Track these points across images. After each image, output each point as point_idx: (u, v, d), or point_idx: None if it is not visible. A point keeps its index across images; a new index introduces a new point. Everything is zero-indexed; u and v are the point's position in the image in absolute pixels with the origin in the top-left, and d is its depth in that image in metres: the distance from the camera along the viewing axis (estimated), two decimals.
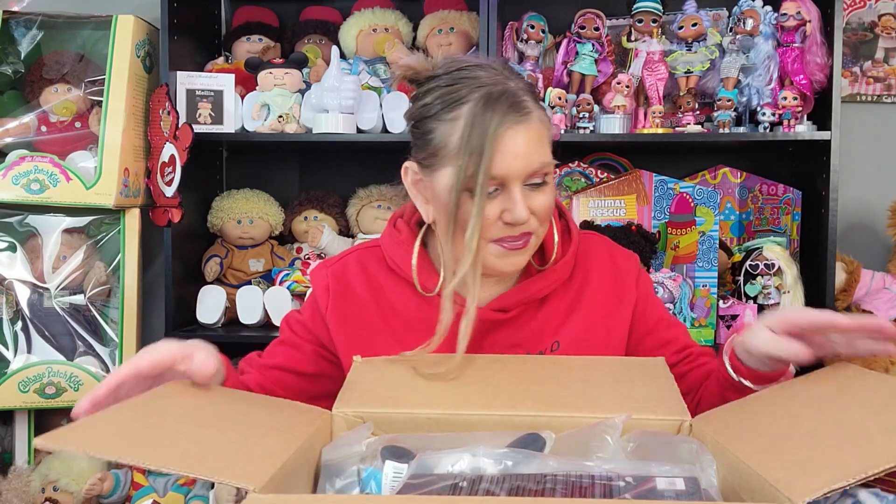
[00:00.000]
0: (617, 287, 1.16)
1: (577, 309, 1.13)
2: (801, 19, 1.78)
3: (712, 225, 1.83)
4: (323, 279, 1.16)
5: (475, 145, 1.00)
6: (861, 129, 2.03)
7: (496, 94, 1.02)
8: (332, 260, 1.20)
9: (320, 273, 1.17)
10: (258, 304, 1.95)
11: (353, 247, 1.22)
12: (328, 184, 2.19)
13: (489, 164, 1.00)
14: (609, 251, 1.19)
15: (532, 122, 1.03)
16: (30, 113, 1.99)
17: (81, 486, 1.79)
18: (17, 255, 1.92)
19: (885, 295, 1.88)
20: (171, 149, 1.91)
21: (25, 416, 1.93)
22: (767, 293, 1.79)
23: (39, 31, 2.02)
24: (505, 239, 1.04)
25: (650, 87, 1.84)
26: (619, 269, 1.17)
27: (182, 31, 1.99)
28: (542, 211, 1.05)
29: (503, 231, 1.04)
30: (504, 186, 1.02)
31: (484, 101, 1.02)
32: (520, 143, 1.01)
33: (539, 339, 1.12)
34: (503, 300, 1.10)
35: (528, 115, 1.03)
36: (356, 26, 2.08)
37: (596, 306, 1.14)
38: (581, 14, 1.88)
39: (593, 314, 1.13)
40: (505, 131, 1.01)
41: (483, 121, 1.01)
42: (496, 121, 1.00)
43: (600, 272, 1.16)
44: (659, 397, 0.86)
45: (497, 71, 1.07)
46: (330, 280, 1.15)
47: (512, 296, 1.11)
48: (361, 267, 1.16)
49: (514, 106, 1.02)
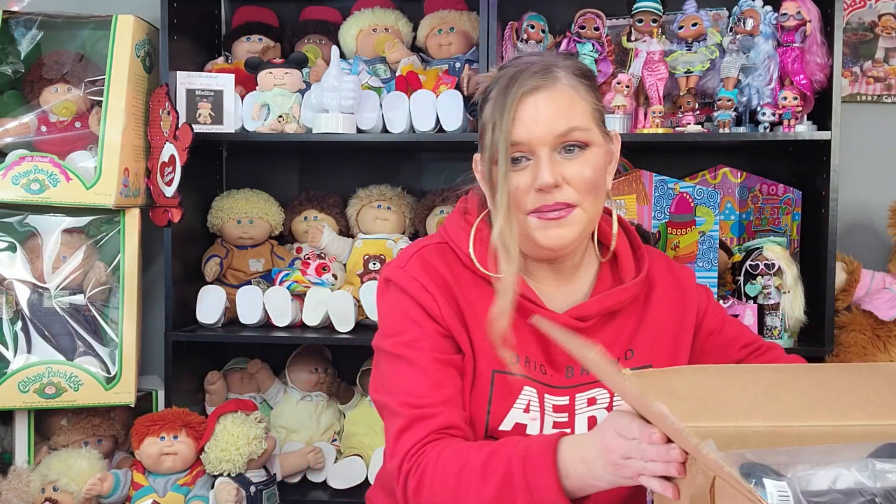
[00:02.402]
0: (681, 298, 1.20)
1: (646, 320, 1.16)
2: (801, 19, 1.77)
3: (712, 225, 1.83)
4: (412, 280, 1.10)
5: (497, 115, 1.02)
6: (861, 129, 2.03)
7: (524, 65, 1.05)
8: (401, 261, 1.14)
9: (404, 276, 1.11)
10: (258, 304, 1.95)
11: (416, 245, 1.17)
12: (328, 184, 2.19)
13: (509, 131, 1.01)
14: (668, 264, 1.25)
15: (557, 87, 1.04)
16: (30, 113, 1.99)
17: (81, 486, 1.79)
18: (16, 255, 1.92)
19: (885, 295, 1.88)
20: (170, 149, 1.91)
21: (25, 416, 1.93)
22: (767, 293, 1.79)
23: (39, 30, 2.01)
24: (541, 209, 1.05)
25: (650, 87, 1.84)
26: (681, 280, 1.22)
27: (182, 30, 1.98)
28: (577, 179, 1.04)
29: (537, 200, 1.04)
30: (534, 154, 1.03)
31: (513, 74, 1.04)
32: (541, 108, 1.02)
33: (612, 348, 1.13)
34: (581, 310, 1.12)
35: (554, 82, 1.04)
36: (356, 26, 2.08)
37: (663, 317, 1.17)
38: (581, 14, 1.88)
39: (661, 324, 1.16)
40: (525, 97, 1.02)
41: (505, 91, 1.03)
42: (515, 88, 1.02)
43: (663, 284, 1.20)
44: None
45: (546, 53, 1.10)
46: (420, 276, 1.10)
47: (590, 307, 1.13)
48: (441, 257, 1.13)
49: (539, 73, 1.03)
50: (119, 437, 2.02)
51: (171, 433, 1.81)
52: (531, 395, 1.09)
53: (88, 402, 1.88)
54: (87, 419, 1.96)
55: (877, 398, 0.83)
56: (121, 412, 2.01)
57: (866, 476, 0.68)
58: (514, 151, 1.04)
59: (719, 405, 0.83)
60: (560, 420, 1.11)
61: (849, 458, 0.70)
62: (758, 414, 0.81)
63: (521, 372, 1.09)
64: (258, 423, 1.83)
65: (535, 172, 1.03)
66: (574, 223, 1.06)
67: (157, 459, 1.80)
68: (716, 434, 0.76)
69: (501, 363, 1.07)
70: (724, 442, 0.75)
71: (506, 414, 1.08)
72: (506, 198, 1.03)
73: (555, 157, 1.04)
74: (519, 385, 1.09)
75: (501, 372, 1.08)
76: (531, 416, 1.09)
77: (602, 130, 1.10)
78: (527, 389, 1.09)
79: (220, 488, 1.79)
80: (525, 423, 1.09)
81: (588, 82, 1.09)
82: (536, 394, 1.10)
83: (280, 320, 1.95)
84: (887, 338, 1.87)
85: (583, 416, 1.11)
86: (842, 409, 0.81)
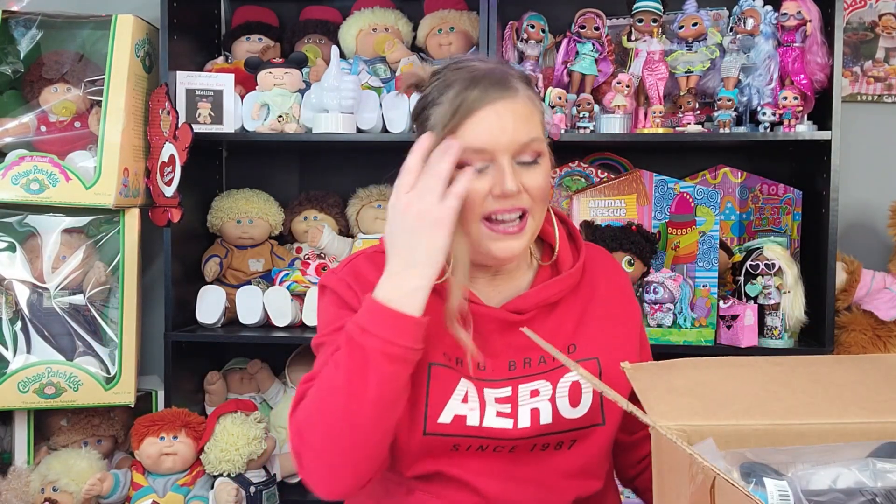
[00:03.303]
0: (623, 302, 1.20)
1: (588, 314, 1.15)
2: (801, 19, 1.77)
3: (713, 225, 1.83)
4: (341, 281, 1.13)
5: (455, 117, 1.02)
6: (861, 128, 2.03)
7: (482, 72, 1.05)
8: (338, 268, 1.18)
9: (334, 278, 1.15)
10: (258, 304, 1.95)
11: (354, 254, 1.20)
12: (328, 184, 2.19)
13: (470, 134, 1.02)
14: (612, 263, 1.24)
15: (518, 99, 1.05)
16: (29, 113, 1.99)
17: (81, 486, 1.78)
18: (16, 255, 1.91)
19: (885, 295, 1.88)
20: (170, 148, 1.91)
21: (25, 417, 1.93)
22: (768, 293, 1.79)
23: (39, 30, 2.02)
24: (497, 212, 1.05)
25: (650, 87, 1.84)
26: (623, 284, 1.22)
27: (182, 30, 1.98)
28: (535, 189, 1.05)
29: (494, 204, 1.04)
30: (493, 161, 1.03)
31: (469, 79, 1.04)
32: (505, 117, 1.03)
33: (553, 341, 1.10)
34: (519, 302, 1.12)
35: (514, 92, 1.05)
36: (356, 26, 2.08)
37: (607, 314, 1.16)
38: (581, 14, 1.88)
39: (605, 322, 1.15)
40: (487, 104, 1.03)
41: (465, 95, 1.03)
42: (476, 94, 1.03)
43: (607, 282, 1.19)
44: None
45: (493, 60, 1.11)
46: (349, 279, 1.12)
47: (527, 298, 1.12)
48: (373, 266, 1.13)
49: (499, 83, 1.04)
50: (119, 437, 2.02)
51: (170, 433, 1.81)
52: (468, 386, 1.09)
53: (88, 402, 1.88)
54: (87, 419, 1.96)
55: (876, 394, 0.82)
56: (120, 412, 2.01)
57: (867, 475, 0.68)
58: (476, 159, 1.04)
59: (718, 402, 0.83)
60: (503, 410, 1.10)
61: (849, 457, 0.70)
62: (757, 411, 0.80)
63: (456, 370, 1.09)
64: (258, 424, 1.83)
65: (495, 179, 1.03)
66: (526, 234, 1.07)
67: (156, 460, 1.80)
68: (715, 433, 0.76)
69: (438, 356, 1.08)
70: (723, 440, 0.75)
71: (444, 406, 1.07)
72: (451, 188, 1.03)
73: (515, 167, 1.04)
74: (455, 377, 1.09)
75: (438, 364, 1.08)
76: (470, 407, 1.08)
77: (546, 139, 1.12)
78: (463, 381, 1.09)
79: (219, 488, 1.78)
80: (465, 413, 1.08)
81: (535, 92, 1.11)
82: (474, 386, 1.09)
83: (280, 320, 1.95)
84: (888, 338, 1.87)
85: (525, 407, 1.10)
86: (841, 407, 0.80)
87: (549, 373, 1.12)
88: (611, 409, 1.13)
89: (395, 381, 0.99)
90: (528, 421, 1.09)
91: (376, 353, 0.97)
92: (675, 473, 0.77)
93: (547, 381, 1.11)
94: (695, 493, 0.70)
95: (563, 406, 1.10)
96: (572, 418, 1.10)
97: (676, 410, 0.80)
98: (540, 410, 1.09)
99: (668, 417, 0.78)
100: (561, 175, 2.00)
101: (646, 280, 1.80)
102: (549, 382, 1.11)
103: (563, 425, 1.10)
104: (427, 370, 1.08)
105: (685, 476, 0.72)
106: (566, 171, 2.00)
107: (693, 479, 0.70)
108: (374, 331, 0.98)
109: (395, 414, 1.01)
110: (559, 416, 1.10)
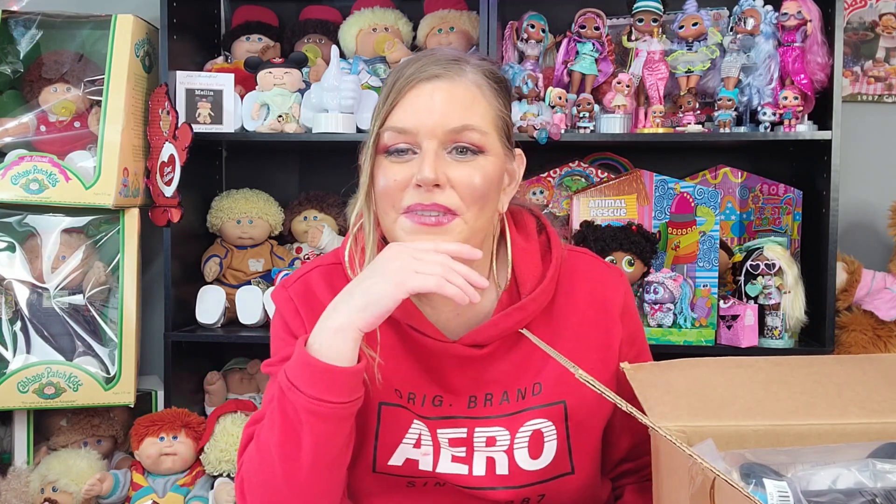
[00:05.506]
0: (603, 323, 1.05)
1: (560, 342, 1.00)
2: (801, 19, 1.77)
3: (713, 225, 1.83)
4: (288, 302, 1.06)
5: (389, 98, 0.94)
6: (862, 128, 2.03)
7: (432, 54, 0.97)
8: (290, 279, 1.10)
9: (283, 295, 1.07)
10: (258, 305, 1.95)
11: (312, 262, 1.12)
12: (328, 184, 2.19)
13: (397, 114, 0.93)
14: (597, 275, 1.08)
15: (460, 82, 0.95)
16: (29, 113, 1.98)
17: (81, 486, 1.78)
18: (16, 255, 1.91)
19: (885, 295, 1.88)
20: (170, 148, 1.91)
21: (24, 417, 1.92)
22: (768, 293, 1.79)
23: (38, 30, 2.01)
24: (414, 207, 0.94)
25: (650, 87, 1.83)
26: (607, 299, 1.06)
27: (181, 30, 1.98)
28: (463, 186, 0.93)
29: (415, 196, 0.94)
30: (420, 147, 0.94)
31: (413, 59, 0.96)
32: (436, 97, 0.93)
33: (519, 376, 1.02)
34: (476, 335, 1.01)
35: (457, 74, 0.95)
36: (356, 26, 2.07)
37: (580, 342, 1.03)
38: (581, 13, 1.88)
39: (578, 353, 0.99)
40: (421, 83, 0.94)
41: (400, 72, 0.95)
42: (413, 71, 0.94)
43: (587, 299, 1.05)
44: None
45: (454, 51, 1.01)
46: (297, 300, 1.05)
47: (484, 331, 1.00)
48: (326, 283, 1.06)
49: (441, 62, 0.95)
50: (118, 437, 2.02)
51: (170, 433, 1.81)
52: (421, 429, 1.00)
53: (88, 402, 1.88)
54: (87, 419, 1.96)
55: (876, 394, 0.82)
56: (120, 412, 2.01)
57: (867, 476, 0.68)
58: (399, 141, 0.94)
59: (718, 402, 0.83)
60: (458, 454, 1.01)
61: (849, 457, 0.70)
62: (757, 412, 0.80)
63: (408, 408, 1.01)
64: None
65: (417, 167, 0.93)
66: (452, 233, 0.94)
67: (156, 460, 1.80)
68: (715, 433, 0.76)
69: (388, 395, 0.99)
70: (723, 441, 0.75)
71: (395, 449, 1.00)
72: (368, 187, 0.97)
73: (442, 155, 0.94)
74: (408, 418, 1.00)
75: (389, 404, 0.99)
76: (423, 452, 1.00)
77: (504, 142, 0.99)
78: (416, 423, 1.00)
79: (219, 489, 1.78)
80: (416, 458, 1.00)
81: (498, 87, 0.99)
82: (427, 429, 1.00)
83: None
84: (888, 338, 1.87)
85: (481, 455, 1.01)
86: (841, 407, 0.80)
87: (509, 417, 1.01)
88: (581, 456, 1.04)
89: (331, 438, 0.91)
90: (482, 469, 1.01)
91: (306, 413, 0.89)
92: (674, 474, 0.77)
93: (505, 430, 1.01)
94: (695, 495, 0.70)
95: (522, 457, 1.01)
96: (533, 470, 1.02)
97: (676, 411, 0.80)
98: (496, 461, 1.01)
99: (667, 418, 0.79)
100: (561, 175, 2.00)
101: (646, 280, 1.80)
102: (507, 431, 1.01)
103: (523, 478, 1.01)
104: (377, 410, 0.99)
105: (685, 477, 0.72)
106: (566, 170, 2.00)
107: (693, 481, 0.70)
108: (302, 388, 0.89)
109: (338, 469, 0.94)
110: (517, 467, 1.01)
